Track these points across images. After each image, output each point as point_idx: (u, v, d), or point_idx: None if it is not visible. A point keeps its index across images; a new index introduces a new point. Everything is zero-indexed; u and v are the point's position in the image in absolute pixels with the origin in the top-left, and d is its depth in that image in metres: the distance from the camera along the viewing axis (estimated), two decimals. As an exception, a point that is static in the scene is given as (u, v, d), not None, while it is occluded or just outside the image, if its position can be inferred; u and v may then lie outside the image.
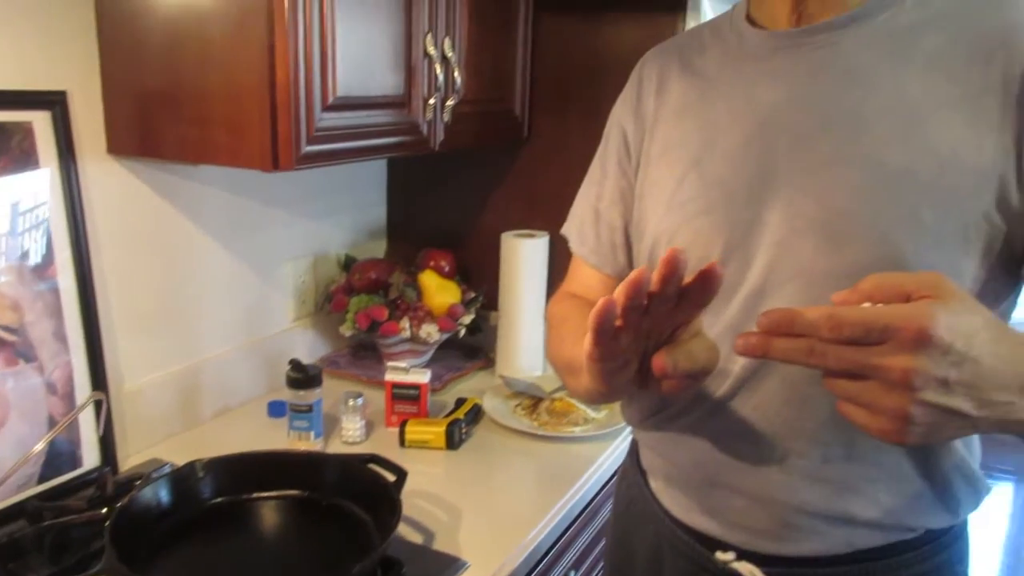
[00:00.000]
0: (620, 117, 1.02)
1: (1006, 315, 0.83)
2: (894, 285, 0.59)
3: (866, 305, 0.58)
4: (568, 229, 1.09)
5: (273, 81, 1.13)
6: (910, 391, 0.55)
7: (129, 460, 1.39)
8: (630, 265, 1.02)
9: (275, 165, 1.15)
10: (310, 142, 1.19)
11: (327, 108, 1.21)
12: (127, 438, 1.40)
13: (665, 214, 0.90)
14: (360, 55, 1.26)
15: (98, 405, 1.23)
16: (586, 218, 1.05)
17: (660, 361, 0.67)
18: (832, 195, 0.78)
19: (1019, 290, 0.82)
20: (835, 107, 0.79)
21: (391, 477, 1.15)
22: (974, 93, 0.74)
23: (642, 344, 0.69)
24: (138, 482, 1.15)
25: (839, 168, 0.78)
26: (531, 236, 1.80)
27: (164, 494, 1.10)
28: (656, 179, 0.93)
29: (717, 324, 0.85)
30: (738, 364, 0.84)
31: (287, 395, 1.45)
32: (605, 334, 0.65)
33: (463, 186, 1.94)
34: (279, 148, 1.15)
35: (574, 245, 1.08)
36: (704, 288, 0.64)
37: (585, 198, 1.07)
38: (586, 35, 1.73)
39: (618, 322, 0.64)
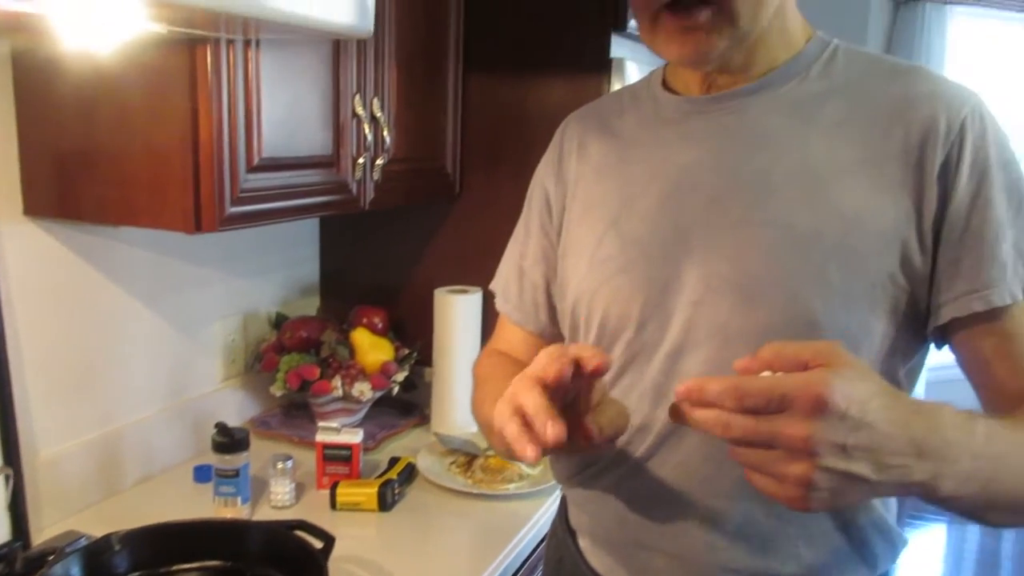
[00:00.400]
0: (543, 178, 1.04)
1: (915, 372, 0.86)
2: (792, 354, 0.61)
3: (766, 374, 0.60)
4: (495, 285, 1.11)
5: (196, 142, 1.12)
6: (811, 457, 0.57)
7: (43, 533, 1.33)
8: (552, 323, 1.03)
9: (197, 227, 1.14)
10: (235, 203, 1.18)
11: (252, 169, 1.20)
12: (41, 510, 1.34)
13: (586, 273, 0.92)
14: (287, 115, 1.27)
15: (7, 478, 1.18)
16: (511, 276, 1.07)
17: (587, 428, 0.69)
18: (744, 256, 0.80)
19: (927, 348, 0.85)
20: (744, 170, 0.83)
21: (318, 544, 1.12)
22: (875, 159, 0.78)
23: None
24: (50, 557, 1.09)
25: (750, 229, 0.81)
26: (464, 292, 1.80)
27: (76, 570, 1.05)
28: (577, 238, 0.95)
29: (640, 382, 0.86)
30: (659, 421, 0.85)
31: (213, 459, 1.41)
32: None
33: (396, 241, 1.94)
34: (202, 210, 1.14)
35: (499, 302, 1.09)
36: (595, 374, 0.68)
37: (510, 256, 1.08)
38: (515, 94, 1.77)
39: None
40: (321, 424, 1.58)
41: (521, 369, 0.77)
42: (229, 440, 1.39)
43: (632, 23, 1.65)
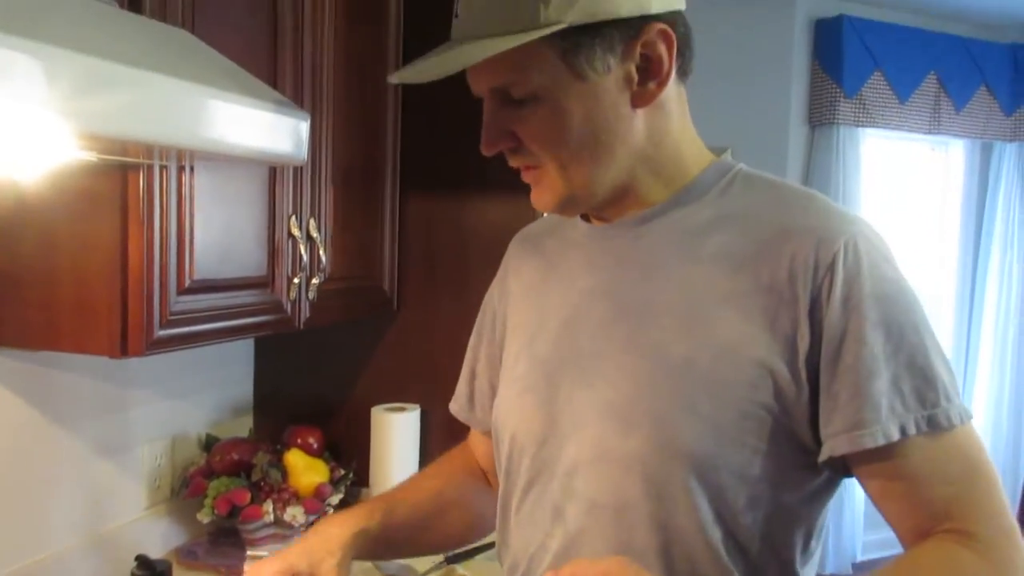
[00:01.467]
0: (492, 292, 1.08)
1: (819, 498, 0.84)
2: (586, 572, 0.68)
3: None
4: (458, 387, 1.13)
5: (125, 266, 1.11)
6: None
7: None
8: None
9: (123, 352, 1.11)
10: (164, 326, 1.16)
11: (183, 291, 1.19)
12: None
13: (503, 390, 0.96)
14: (221, 237, 1.26)
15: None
16: (464, 377, 1.10)
17: None
18: (624, 382, 0.83)
19: (823, 475, 0.83)
20: (631, 297, 0.85)
21: None
22: (750, 290, 0.80)
23: None
24: None
25: (631, 356, 0.83)
26: (402, 410, 1.78)
27: None
28: (505, 355, 0.99)
29: (543, 498, 0.88)
30: (556, 540, 0.86)
31: (132, 596, 1.33)
32: None
33: (333, 359, 1.92)
34: (128, 334, 1.11)
35: (452, 403, 1.12)
36: None
37: (467, 358, 1.11)
38: (453, 212, 1.80)
39: None
40: (250, 552, 1.51)
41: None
42: (150, 574, 1.32)
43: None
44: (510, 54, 0.76)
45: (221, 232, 1.26)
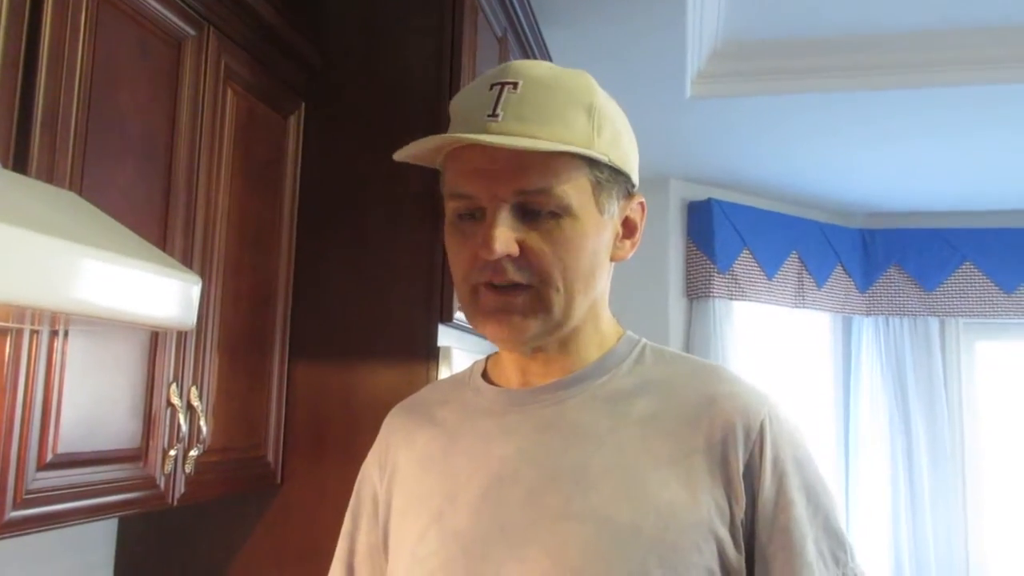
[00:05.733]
0: (369, 471, 1.01)
1: None
2: None
3: None
4: None
5: (-22, 439, 1.00)
6: None
7: None
8: None
9: (-34, 537, 0.99)
10: (18, 507, 1.04)
11: (44, 467, 1.08)
12: None
13: (406, 571, 0.88)
14: (91, 407, 1.18)
15: None
16: (338, 572, 1.00)
17: None
18: (564, 551, 0.79)
19: None
20: (562, 463, 0.83)
21: None
22: (684, 453, 0.81)
23: None
24: None
25: (569, 523, 0.80)
26: (281, 594, 1.63)
27: None
28: (400, 533, 0.92)
29: None
30: None
31: None
32: None
33: (207, 539, 1.77)
34: (-26, 516, 0.99)
35: None
36: None
37: (339, 553, 1.02)
38: (342, 380, 1.75)
39: None
40: None
41: None
42: None
43: (458, 315, 1.73)
44: (552, 164, 0.80)
45: (92, 401, 1.18)
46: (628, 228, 0.90)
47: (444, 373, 1.70)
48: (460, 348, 1.78)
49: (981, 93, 2.73)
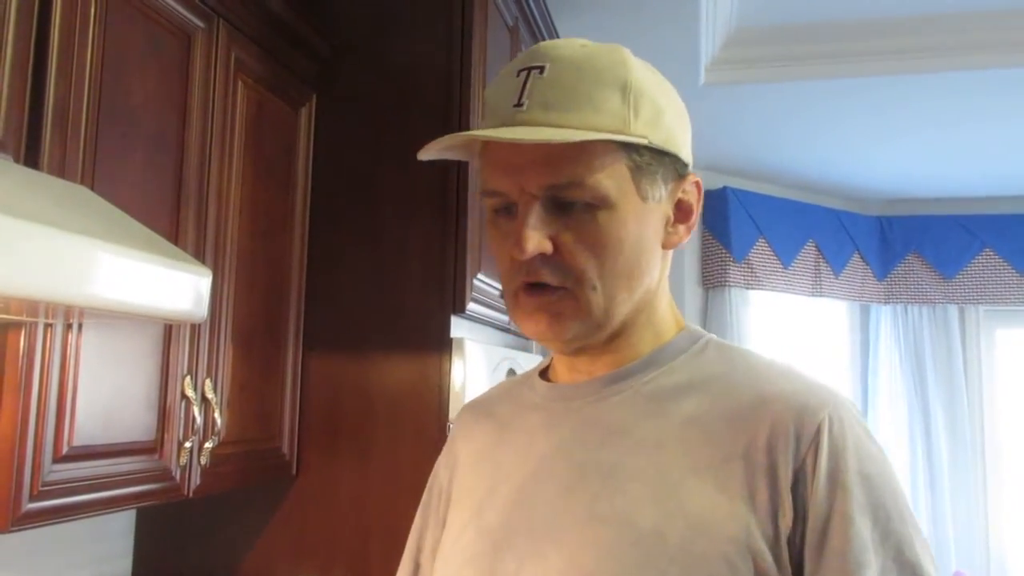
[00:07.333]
0: (440, 466, 0.99)
1: None
2: None
3: None
4: None
5: (-5, 432, 1.01)
6: None
7: None
8: None
9: (-16, 528, 1.00)
10: (35, 498, 1.05)
11: (60, 459, 1.09)
12: None
13: (442, 564, 0.87)
14: (107, 400, 1.18)
15: None
16: (406, 569, 0.98)
17: None
18: (582, 553, 0.76)
19: None
20: (594, 462, 0.79)
21: None
22: (722, 458, 0.74)
23: None
24: None
25: (592, 525, 0.76)
26: (298, 585, 1.65)
27: None
28: (449, 525, 0.90)
29: None
30: None
31: None
32: None
33: (224, 529, 1.78)
34: (-8, 508, 1.00)
35: None
36: None
37: (409, 548, 1.00)
38: (356, 372, 1.76)
39: None
40: None
41: None
42: None
43: (471, 306, 1.73)
44: (584, 152, 0.74)
45: (108, 394, 1.18)
46: (682, 212, 0.82)
47: (457, 364, 1.70)
48: (473, 339, 1.77)
49: (1000, 77, 2.69)
